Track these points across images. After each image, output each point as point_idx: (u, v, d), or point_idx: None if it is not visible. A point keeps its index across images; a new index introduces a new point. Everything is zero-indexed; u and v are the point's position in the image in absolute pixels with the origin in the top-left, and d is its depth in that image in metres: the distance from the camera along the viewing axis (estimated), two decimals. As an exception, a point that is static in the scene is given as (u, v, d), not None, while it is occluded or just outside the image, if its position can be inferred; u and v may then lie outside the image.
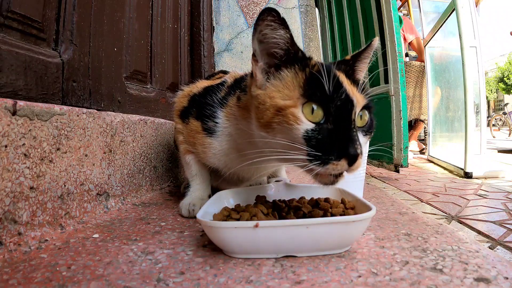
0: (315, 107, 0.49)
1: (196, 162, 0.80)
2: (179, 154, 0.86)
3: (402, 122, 1.62)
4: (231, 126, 0.67)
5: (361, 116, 0.53)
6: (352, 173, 0.49)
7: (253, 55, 0.55)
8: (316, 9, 2.82)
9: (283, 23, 0.51)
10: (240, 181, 0.85)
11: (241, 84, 0.67)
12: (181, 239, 0.58)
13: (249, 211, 0.54)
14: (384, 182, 1.73)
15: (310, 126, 0.48)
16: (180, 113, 0.81)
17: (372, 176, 1.92)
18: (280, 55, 0.53)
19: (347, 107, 0.49)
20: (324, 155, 0.47)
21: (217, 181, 0.86)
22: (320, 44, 2.75)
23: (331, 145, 0.47)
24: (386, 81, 1.74)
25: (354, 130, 0.49)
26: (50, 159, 0.61)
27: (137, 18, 1.15)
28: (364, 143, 0.53)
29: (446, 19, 2.23)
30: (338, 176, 0.49)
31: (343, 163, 0.46)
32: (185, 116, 0.78)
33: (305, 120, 0.49)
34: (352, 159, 0.46)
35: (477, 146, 1.91)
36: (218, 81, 0.78)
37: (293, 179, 1.35)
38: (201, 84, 0.82)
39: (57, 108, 0.63)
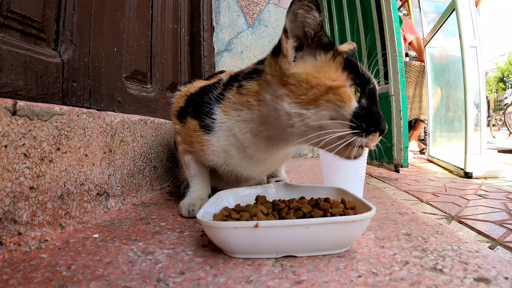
0: (355, 89, 0.55)
1: (195, 162, 0.80)
2: (178, 155, 0.86)
3: (402, 122, 1.62)
4: (230, 120, 0.67)
5: None
6: (376, 143, 0.57)
7: (285, 30, 0.56)
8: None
9: (317, 7, 0.54)
10: (239, 182, 0.84)
11: (237, 78, 0.68)
12: (181, 239, 0.58)
13: (249, 211, 0.54)
14: (384, 182, 1.73)
15: (356, 104, 0.54)
16: (178, 114, 0.81)
17: (372, 176, 1.92)
18: (310, 36, 0.56)
19: (375, 90, 0.58)
20: (367, 127, 0.54)
21: (217, 181, 0.86)
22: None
23: (370, 120, 0.54)
24: (386, 81, 1.74)
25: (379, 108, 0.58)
26: (50, 159, 0.61)
27: (137, 18, 1.15)
28: None
29: (446, 19, 2.23)
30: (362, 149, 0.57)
31: (377, 135, 0.56)
32: (182, 116, 0.78)
33: (354, 99, 0.54)
34: (382, 132, 0.56)
35: (477, 146, 1.91)
36: (216, 80, 0.78)
37: (293, 179, 1.35)
38: (198, 84, 0.82)
39: (57, 108, 0.63)
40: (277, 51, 0.58)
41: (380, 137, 0.56)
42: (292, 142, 0.62)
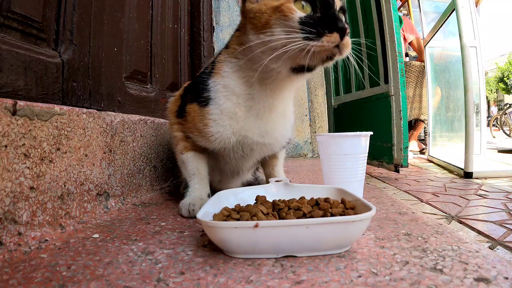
0: (304, 3, 0.59)
1: (194, 159, 0.81)
2: (176, 157, 0.86)
3: (402, 122, 1.62)
4: (223, 77, 0.72)
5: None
6: (345, 50, 0.58)
7: None
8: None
9: None
10: (237, 173, 0.87)
11: (219, 54, 0.76)
12: (181, 239, 0.58)
13: (249, 211, 0.54)
14: (384, 182, 1.73)
15: (303, 14, 0.58)
16: (176, 113, 0.84)
17: (372, 176, 1.92)
18: None
19: (329, 2, 0.59)
20: (318, 31, 0.56)
21: (214, 175, 0.88)
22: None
23: (322, 25, 0.56)
24: (386, 81, 1.74)
25: (338, 14, 0.60)
26: (50, 159, 0.61)
27: (137, 18, 1.15)
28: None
29: (446, 19, 2.23)
30: (332, 56, 0.59)
31: (336, 36, 0.56)
32: (181, 112, 0.81)
33: (298, 11, 0.58)
34: (342, 32, 0.56)
35: (477, 146, 1.91)
36: None
37: (293, 179, 1.35)
38: (188, 82, 0.88)
39: (57, 108, 0.63)
40: None
41: (344, 38, 0.57)
42: (276, 73, 0.67)
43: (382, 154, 1.80)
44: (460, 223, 0.96)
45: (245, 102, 0.71)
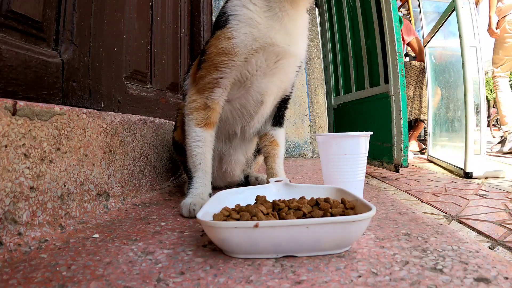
0: None
1: (204, 143, 0.81)
2: (185, 142, 0.85)
3: (402, 122, 1.62)
4: None
5: None
6: None
7: None
8: (316, 9, 2.83)
9: None
10: (248, 121, 0.89)
11: None
12: (181, 239, 0.58)
13: (249, 211, 0.54)
14: (384, 182, 1.73)
15: None
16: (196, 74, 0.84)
17: (372, 176, 1.92)
18: None
19: None
20: None
21: (222, 137, 0.92)
22: (320, 44, 2.75)
23: None
24: (386, 81, 1.74)
25: None
26: (50, 159, 0.61)
27: (137, 18, 1.15)
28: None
29: (446, 19, 2.23)
30: None
31: None
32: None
33: None
34: None
35: (477, 146, 1.91)
36: None
37: (293, 179, 1.35)
38: None
39: (57, 108, 0.63)
40: None
41: None
42: None
43: (382, 154, 1.80)
44: (460, 223, 0.96)
45: (264, 13, 0.75)
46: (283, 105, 0.94)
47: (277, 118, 0.95)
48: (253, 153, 1.09)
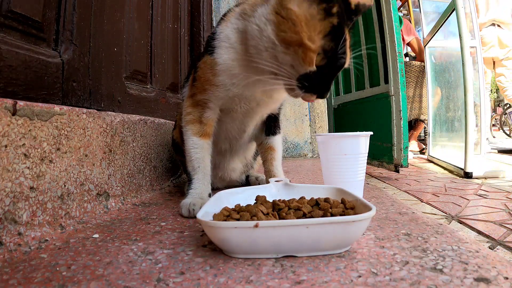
0: (325, 58, 0.60)
1: (201, 149, 0.81)
2: (185, 146, 0.86)
3: (402, 122, 1.63)
4: (227, 28, 0.73)
5: None
6: (311, 100, 0.65)
7: None
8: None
9: None
10: (244, 127, 0.89)
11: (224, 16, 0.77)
12: (181, 239, 0.58)
13: (249, 211, 0.54)
14: (384, 182, 1.73)
15: (313, 68, 0.60)
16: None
17: (372, 176, 1.92)
18: None
19: (340, 67, 0.62)
20: (309, 87, 0.61)
21: (221, 139, 0.92)
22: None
23: (316, 84, 0.61)
24: (386, 81, 1.74)
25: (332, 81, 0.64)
26: (50, 159, 0.61)
27: (137, 18, 1.15)
28: None
29: (446, 19, 2.23)
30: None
31: (314, 96, 0.63)
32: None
33: (313, 64, 0.59)
34: (320, 96, 0.63)
35: (477, 146, 1.91)
36: None
37: (293, 179, 1.35)
38: None
39: (57, 108, 0.63)
40: None
41: (319, 99, 0.64)
42: (262, 72, 0.67)
43: (382, 154, 1.80)
44: (460, 223, 0.96)
45: (243, 62, 0.72)
46: (272, 120, 0.95)
47: (270, 128, 0.95)
48: (253, 155, 1.10)
